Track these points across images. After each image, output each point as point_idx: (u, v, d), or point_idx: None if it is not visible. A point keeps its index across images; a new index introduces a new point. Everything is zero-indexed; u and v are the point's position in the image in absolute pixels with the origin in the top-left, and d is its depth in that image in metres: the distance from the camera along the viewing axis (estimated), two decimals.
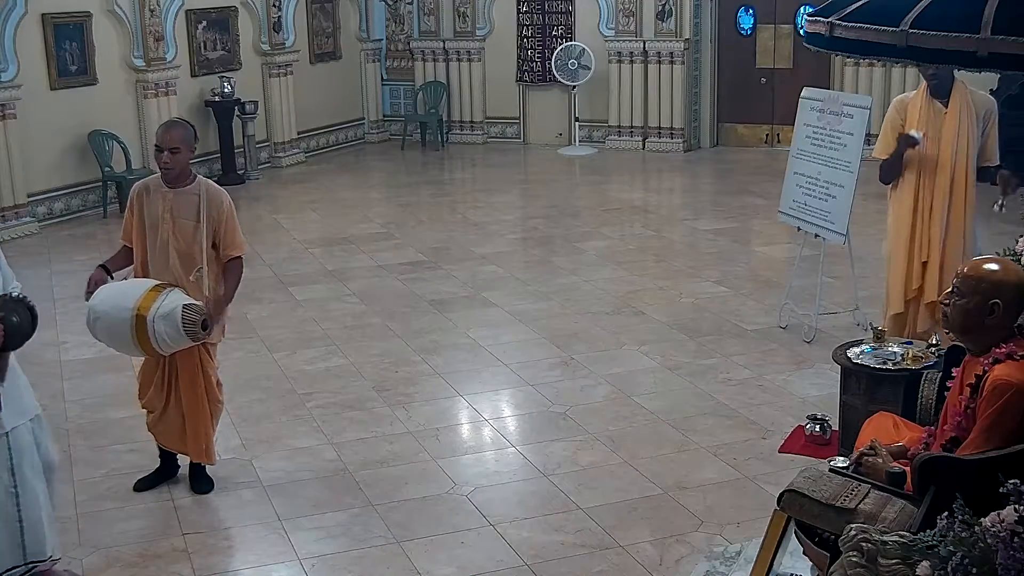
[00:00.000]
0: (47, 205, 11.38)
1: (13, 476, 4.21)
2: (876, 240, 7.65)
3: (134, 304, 4.95)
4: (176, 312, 4.96)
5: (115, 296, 5.04)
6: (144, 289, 5.02)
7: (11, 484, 4.21)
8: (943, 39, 2.91)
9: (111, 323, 5.00)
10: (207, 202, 5.19)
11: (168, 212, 5.17)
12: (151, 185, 5.26)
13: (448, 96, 15.72)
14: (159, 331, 4.95)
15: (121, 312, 4.96)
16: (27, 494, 4.26)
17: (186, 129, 5.25)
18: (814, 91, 7.65)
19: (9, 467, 4.20)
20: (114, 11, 11.93)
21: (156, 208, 5.19)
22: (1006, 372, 3.54)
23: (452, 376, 6.94)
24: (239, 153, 13.49)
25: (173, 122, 5.37)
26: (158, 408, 5.37)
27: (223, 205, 5.24)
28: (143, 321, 4.93)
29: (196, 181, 5.26)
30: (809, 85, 8.00)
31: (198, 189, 5.23)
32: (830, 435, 5.74)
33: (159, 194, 5.21)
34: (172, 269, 5.18)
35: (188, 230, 5.18)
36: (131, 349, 5.14)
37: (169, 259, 5.17)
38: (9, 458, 4.20)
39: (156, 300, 4.97)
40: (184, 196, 5.20)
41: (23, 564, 4.28)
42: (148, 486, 5.46)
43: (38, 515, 4.31)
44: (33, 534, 4.28)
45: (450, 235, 10.74)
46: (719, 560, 4.64)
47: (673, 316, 7.98)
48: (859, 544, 3.07)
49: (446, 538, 4.95)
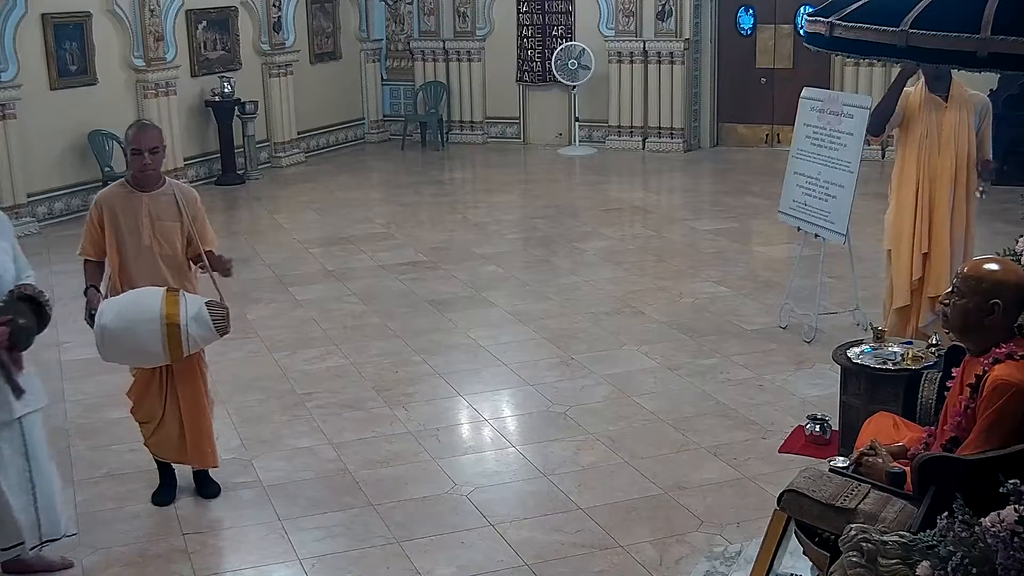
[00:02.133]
0: (47, 205, 11.39)
1: (27, 460, 4.50)
2: (876, 240, 7.65)
3: (160, 314, 4.85)
4: (204, 312, 4.94)
5: (131, 311, 4.90)
6: (159, 297, 4.92)
7: (26, 468, 4.49)
8: (943, 39, 2.91)
9: (136, 337, 4.87)
10: (184, 201, 5.18)
11: (147, 217, 5.11)
12: (119, 192, 5.19)
13: (448, 96, 15.73)
14: (193, 334, 4.91)
15: (147, 324, 4.84)
16: (41, 477, 4.56)
17: (157, 128, 5.29)
18: (814, 91, 7.65)
19: (23, 452, 4.48)
20: (114, 11, 11.94)
21: (133, 214, 5.11)
22: (1006, 372, 3.54)
23: (452, 376, 6.94)
24: (239, 153, 13.49)
25: (144, 124, 5.33)
26: (155, 419, 5.29)
27: (197, 202, 5.26)
28: (176, 328, 4.86)
29: (167, 182, 5.24)
30: (809, 85, 7.99)
31: (171, 189, 5.21)
32: (830, 435, 5.74)
33: (133, 199, 5.13)
34: (159, 274, 5.11)
35: (170, 232, 5.14)
36: (155, 359, 5.02)
37: (155, 265, 5.11)
38: (23, 443, 4.48)
39: (179, 305, 4.89)
40: (160, 198, 5.16)
41: (39, 544, 4.62)
42: (169, 499, 5.36)
43: (52, 497, 4.63)
44: (48, 514, 4.60)
45: (450, 235, 10.75)
46: (719, 560, 4.63)
47: (673, 316, 7.98)
48: (859, 544, 3.07)
49: (446, 538, 4.95)
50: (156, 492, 5.40)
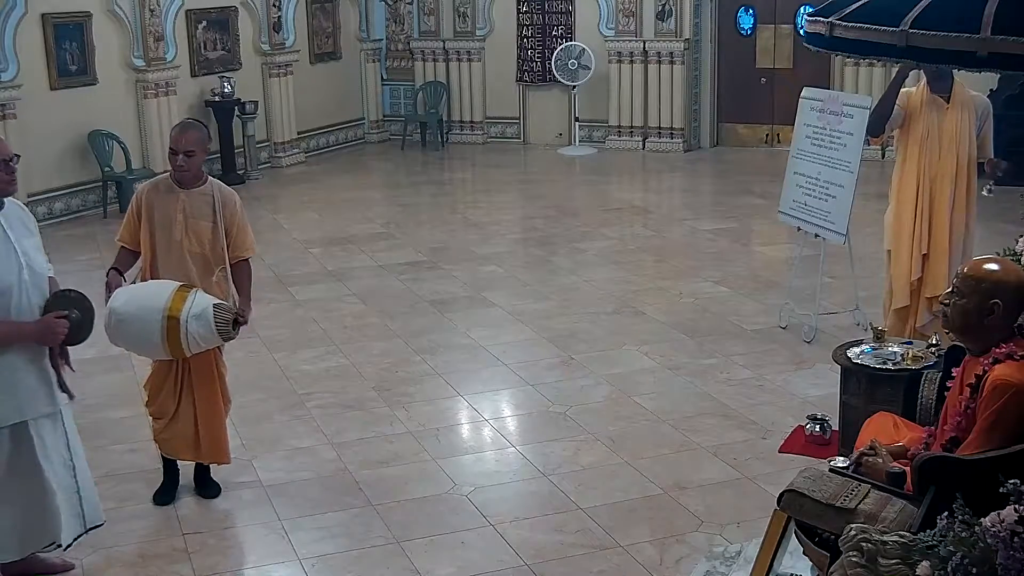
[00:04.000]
0: (47, 205, 11.37)
1: (70, 450, 4.61)
2: (876, 240, 7.65)
3: (164, 306, 4.87)
4: (208, 312, 4.93)
5: (140, 298, 4.96)
6: (171, 290, 4.94)
7: (68, 458, 4.60)
8: (943, 39, 2.92)
9: (138, 325, 4.91)
10: (222, 202, 5.19)
11: (181, 213, 5.13)
12: (161, 186, 5.22)
13: (448, 96, 15.73)
14: (192, 332, 4.90)
15: (151, 314, 4.88)
16: (81, 466, 4.68)
17: (200, 131, 5.23)
18: (814, 91, 7.65)
19: (66, 442, 4.60)
20: (114, 11, 11.93)
21: (168, 209, 5.14)
22: (1006, 372, 3.54)
23: (452, 376, 6.94)
24: (239, 153, 13.49)
25: (188, 124, 5.30)
26: (168, 414, 5.28)
27: (235, 205, 5.25)
28: (175, 322, 4.87)
29: (208, 182, 5.24)
30: (809, 85, 7.99)
31: (210, 189, 5.21)
32: (830, 435, 5.74)
33: (171, 195, 5.16)
34: (186, 270, 5.12)
35: (202, 231, 5.15)
36: (156, 351, 5.04)
37: (183, 260, 5.12)
38: (65, 433, 4.60)
39: (186, 301, 4.90)
40: (197, 196, 5.17)
41: (84, 532, 4.69)
42: (170, 499, 5.37)
43: (91, 484, 4.75)
44: (90, 502, 4.71)
45: (450, 235, 10.75)
46: (719, 560, 4.64)
47: (673, 316, 7.98)
48: (859, 544, 3.07)
49: (446, 538, 4.95)
50: (158, 491, 5.40)
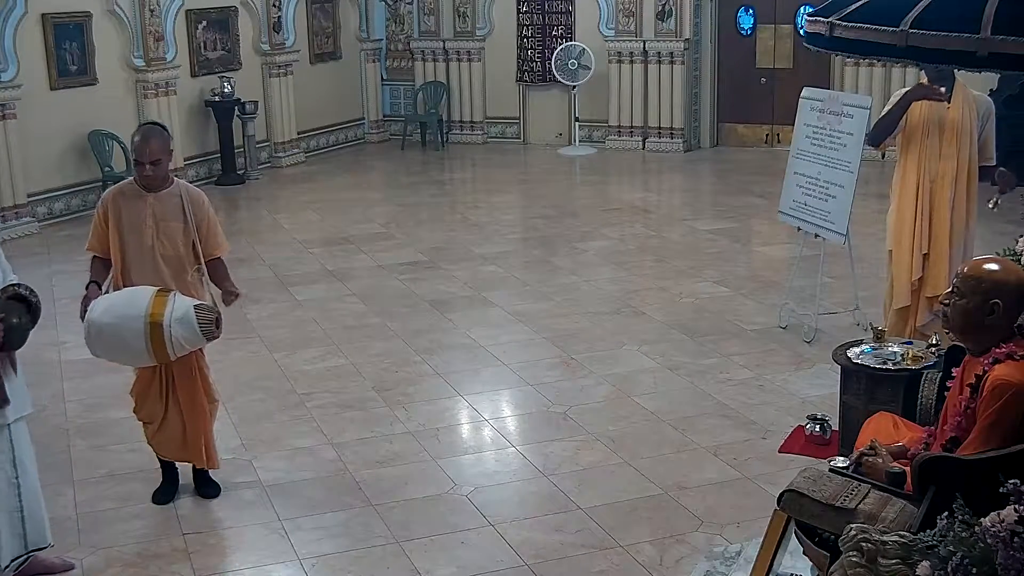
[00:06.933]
0: (47, 205, 11.38)
1: (15, 467, 4.43)
2: (876, 240, 7.66)
3: (145, 312, 4.84)
4: (190, 314, 4.91)
5: (118, 307, 4.92)
6: (149, 296, 4.91)
7: (13, 475, 4.43)
8: (943, 39, 2.92)
9: (121, 333, 4.88)
10: (190, 202, 5.16)
11: (151, 217, 5.10)
12: (127, 191, 5.18)
13: (448, 96, 15.72)
14: (176, 335, 4.88)
15: (132, 321, 4.84)
16: (28, 484, 4.49)
17: (162, 136, 5.16)
18: (814, 91, 7.65)
19: (11, 458, 4.42)
20: (114, 11, 11.93)
21: (137, 214, 5.10)
22: (1006, 372, 3.54)
23: (452, 376, 6.94)
24: (239, 153, 13.49)
25: (149, 132, 5.18)
26: (158, 418, 5.28)
27: (204, 205, 5.23)
28: (158, 327, 4.84)
29: (175, 183, 5.22)
30: (809, 85, 7.99)
31: (178, 190, 5.19)
32: (830, 435, 5.74)
33: (139, 199, 5.13)
34: (159, 274, 5.10)
35: (174, 232, 5.13)
36: (140, 358, 5.02)
37: (156, 264, 5.10)
38: (11, 449, 4.42)
39: (166, 305, 4.88)
40: (166, 198, 5.14)
41: (24, 553, 4.51)
42: (169, 498, 5.37)
43: (38, 504, 4.56)
44: (34, 523, 4.53)
45: (450, 235, 10.74)
46: (719, 560, 4.63)
47: (673, 316, 7.98)
48: (859, 544, 3.07)
49: (446, 538, 4.95)
50: (157, 491, 5.40)
